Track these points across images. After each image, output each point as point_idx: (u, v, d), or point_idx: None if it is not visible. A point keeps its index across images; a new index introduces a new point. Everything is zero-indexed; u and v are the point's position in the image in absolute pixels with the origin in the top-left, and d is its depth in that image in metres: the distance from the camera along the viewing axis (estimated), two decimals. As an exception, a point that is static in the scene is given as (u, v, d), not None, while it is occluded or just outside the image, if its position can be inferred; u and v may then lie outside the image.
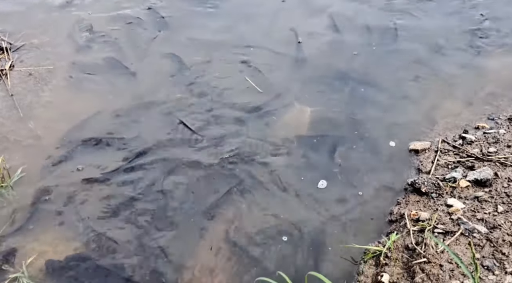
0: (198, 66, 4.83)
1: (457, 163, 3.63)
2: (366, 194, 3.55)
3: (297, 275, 2.96)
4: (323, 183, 3.64)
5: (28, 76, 4.65)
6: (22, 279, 2.96)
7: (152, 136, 4.04)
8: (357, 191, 3.58)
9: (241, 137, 4.02)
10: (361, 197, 3.53)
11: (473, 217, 3.06)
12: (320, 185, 3.63)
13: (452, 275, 2.68)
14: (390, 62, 4.88)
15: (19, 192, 3.55)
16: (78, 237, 3.27)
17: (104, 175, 3.69)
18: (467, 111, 4.27)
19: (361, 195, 3.55)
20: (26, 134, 4.04)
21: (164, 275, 3.07)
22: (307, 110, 4.29)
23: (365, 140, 3.99)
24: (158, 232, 3.30)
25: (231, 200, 3.52)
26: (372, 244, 3.15)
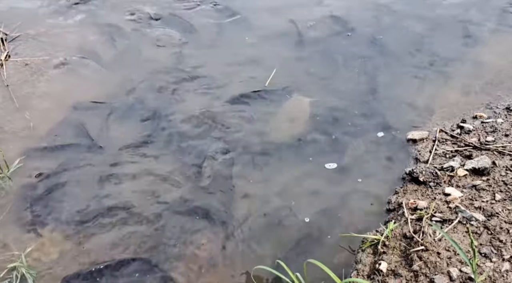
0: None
1: (455, 152, 3.63)
2: (364, 183, 3.55)
3: (295, 262, 2.96)
4: (330, 165, 3.69)
5: (24, 67, 4.62)
6: (20, 269, 2.95)
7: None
8: (356, 179, 3.59)
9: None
10: (359, 184, 3.53)
11: (471, 205, 3.07)
12: (328, 166, 3.68)
13: (449, 263, 2.69)
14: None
15: (16, 182, 3.54)
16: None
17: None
18: (465, 100, 4.27)
19: (360, 182, 3.56)
20: (22, 125, 4.02)
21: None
22: (306, 101, 4.29)
23: (362, 130, 3.99)
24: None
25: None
26: (370, 233, 3.14)
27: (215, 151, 3.82)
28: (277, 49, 4.96)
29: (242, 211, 3.39)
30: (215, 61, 4.81)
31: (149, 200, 3.45)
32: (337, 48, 4.96)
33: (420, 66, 4.68)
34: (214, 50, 4.98)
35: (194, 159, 3.76)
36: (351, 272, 2.95)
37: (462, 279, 2.58)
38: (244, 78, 4.57)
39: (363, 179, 3.58)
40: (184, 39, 5.10)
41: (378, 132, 3.96)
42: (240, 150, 3.85)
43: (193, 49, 4.98)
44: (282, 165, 3.74)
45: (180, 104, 4.29)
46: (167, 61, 4.81)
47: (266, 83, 4.49)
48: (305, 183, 3.58)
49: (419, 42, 4.99)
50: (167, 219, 3.33)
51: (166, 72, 4.66)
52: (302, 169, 3.69)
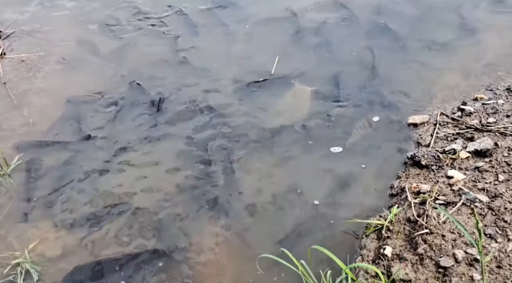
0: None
1: (457, 135, 3.61)
2: (365, 169, 3.54)
3: (299, 250, 2.94)
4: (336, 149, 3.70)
5: (20, 64, 4.59)
6: (24, 265, 2.94)
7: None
8: (357, 164, 3.58)
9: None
10: (362, 170, 3.52)
11: (474, 187, 3.05)
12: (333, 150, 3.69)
13: (454, 245, 2.68)
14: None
15: (16, 179, 3.52)
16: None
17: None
18: (465, 83, 4.24)
19: (360, 167, 3.55)
20: (21, 122, 4.00)
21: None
22: (308, 90, 4.26)
23: (363, 116, 3.97)
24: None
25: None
26: (374, 218, 3.13)
27: (222, 136, 3.84)
28: (277, 35, 4.93)
29: (247, 197, 3.39)
30: (216, 50, 4.79)
31: (153, 191, 3.44)
32: (336, 33, 4.92)
33: (419, 50, 4.64)
34: (214, 39, 4.94)
35: (198, 147, 3.76)
36: (356, 257, 2.94)
37: (468, 261, 2.57)
38: (247, 67, 4.54)
39: (364, 164, 3.56)
40: (181, 30, 5.06)
41: (379, 117, 3.94)
42: (245, 137, 3.85)
43: (191, 39, 4.95)
44: (287, 151, 3.73)
45: (181, 93, 4.27)
46: (165, 52, 4.78)
47: (272, 71, 4.47)
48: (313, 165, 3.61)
49: (417, 26, 4.94)
50: (171, 208, 3.32)
51: (165, 63, 4.63)
52: (308, 153, 3.69)
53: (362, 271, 2.79)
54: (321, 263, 2.76)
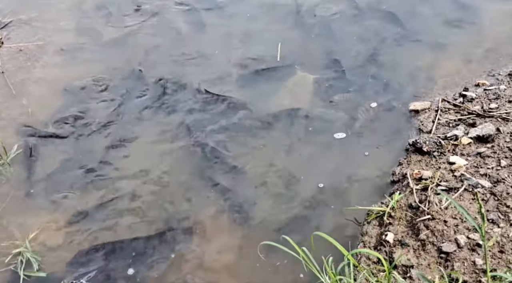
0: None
1: (458, 121, 3.59)
2: (366, 156, 3.52)
3: (300, 237, 2.94)
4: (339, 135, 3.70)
5: (18, 53, 4.55)
6: (25, 254, 2.94)
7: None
8: (359, 151, 3.57)
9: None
10: (364, 157, 3.50)
11: (476, 172, 3.04)
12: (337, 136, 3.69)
13: (457, 230, 2.67)
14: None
15: (16, 168, 3.51)
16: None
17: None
18: (467, 69, 4.21)
19: (362, 154, 3.54)
20: (20, 112, 3.98)
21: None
22: (309, 78, 4.23)
23: (365, 102, 3.94)
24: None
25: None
26: (375, 205, 3.12)
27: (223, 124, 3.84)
28: (279, 22, 4.89)
29: (250, 181, 3.40)
30: (218, 37, 4.76)
31: (154, 177, 3.44)
32: (338, 19, 4.87)
33: (420, 36, 4.60)
34: (216, 27, 4.91)
35: (199, 133, 3.76)
36: (357, 244, 2.94)
37: (470, 246, 2.56)
38: (249, 54, 4.51)
39: (366, 152, 3.55)
40: (183, 20, 5.02)
41: (380, 104, 3.91)
42: (249, 121, 3.86)
43: (193, 27, 4.91)
44: (289, 137, 3.73)
45: (185, 81, 4.25)
46: (166, 41, 4.74)
47: (278, 58, 4.44)
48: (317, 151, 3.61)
49: (418, 11, 4.89)
50: (176, 192, 3.34)
51: (166, 52, 4.59)
52: (312, 139, 3.69)
53: (364, 257, 2.79)
54: (322, 249, 2.74)
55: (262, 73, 4.31)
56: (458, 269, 2.46)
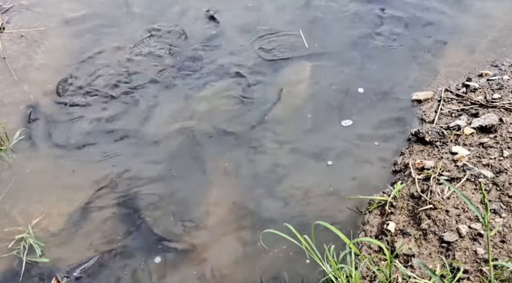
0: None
1: (461, 111, 3.59)
2: (367, 145, 3.52)
3: (302, 225, 2.95)
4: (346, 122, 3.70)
5: (19, 39, 4.52)
6: (28, 239, 2.95)
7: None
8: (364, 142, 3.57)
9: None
10: (365, 146, 3.51)
11: (479, 163, 3.04)
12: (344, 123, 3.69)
13: (458, 220, 2.68)
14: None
15: (19, 154, 3.51)
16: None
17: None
18: (470, 59, 4.19)
19: (363, 144, 3.54)
20: (21, 98, 3.96)
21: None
22: (307, 65, 4.21)
23: (366, 92, 3.93)
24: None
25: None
26: (377, 195, 3.13)
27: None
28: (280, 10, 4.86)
29: (255, 166, 3.42)
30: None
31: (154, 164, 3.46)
32: (340, 8, 4.85)
33: (423, 25, 4.57)
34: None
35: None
36: (359, 233, 2.95)
37: (472, 236, 2.58)
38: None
39: (366, 140, 3.55)
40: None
41: (382, 94, 3.90)
42: (255, 105, 3.87)
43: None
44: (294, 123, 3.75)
45: (198, 73, 4.22)
46: (171, 24, 4.71)
47: (306, 45, 4.44)
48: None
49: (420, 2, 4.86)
50: (177, 180, 3.36)
51: (170, 37, 4.57)
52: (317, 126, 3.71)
53: (365, 246, 2.80)
54: (323, 239, 2.75)
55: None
56: (459, 258, 2.48)
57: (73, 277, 2.81)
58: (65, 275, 2.80)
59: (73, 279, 2.80)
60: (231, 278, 2.84)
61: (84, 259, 2.90)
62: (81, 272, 2.84)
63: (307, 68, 4.20)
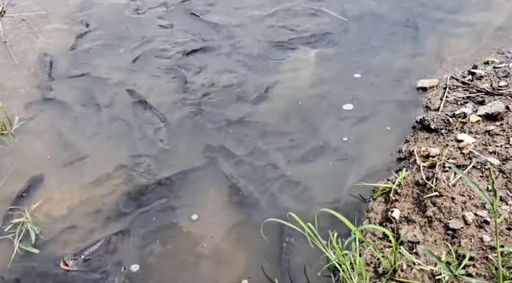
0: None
1: (467, 99, 3.55)
2: (372, 133, 3.48)
3: (305, 214, 2.93)
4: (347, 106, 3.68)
5: (20, 23, 4.49)
6: (27, 224, 2.91)
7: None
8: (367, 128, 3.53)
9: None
10: (369, 134, 3.47)
11: (485, 150, 3.01)
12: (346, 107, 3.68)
13: (464, 207, 2.65)
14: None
15: (20, 139, 3.48)
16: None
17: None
18: (476, 46, 4.15)
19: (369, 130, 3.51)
20: (23, 82, 3.93)
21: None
22: (311, 52, 4.17)
23: (371, 80, 3.89)
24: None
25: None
26: (381, 182, 3.10)
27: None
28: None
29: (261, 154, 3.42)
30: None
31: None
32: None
33: (428, 13, 4.52)
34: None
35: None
36: (363, 220, 2.92)
37: (478, 223, 2.55)
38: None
39: (371, 129, 3.51)
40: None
41: (387, 81, 3.87)
42: (262, 92, 3.89)
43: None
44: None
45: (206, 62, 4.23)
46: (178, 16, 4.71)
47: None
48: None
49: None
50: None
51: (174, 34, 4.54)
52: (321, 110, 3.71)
53: (369, 233, 2.77)
54: (325, 225, 2.73)
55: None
56: (465, 245, 2.45)
57: (81, 260, 2.78)
58: (72, 258, 2.77)
59: (81, 262, 2.77)
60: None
61: (91, 241, 2.88)
62: (89, 254, 2.82)
63: (311, 54, 4.16)
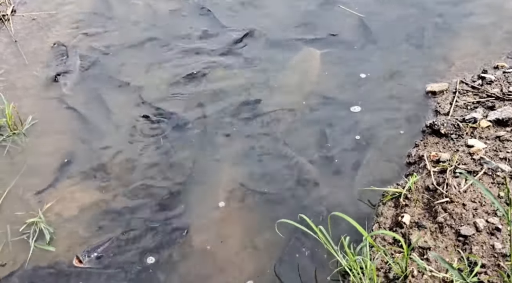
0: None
1: (477, 103, 3.55)
2: (380, 137, 3.48)
3: (316, 217, 2.95)
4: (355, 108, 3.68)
5: (30, 22, 4.50)
6: (40, 224, 2.94)
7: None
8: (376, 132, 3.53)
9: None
10: (378, 138, 3.48)
11: (496, 156, 3.01)
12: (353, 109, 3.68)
13: (475, 214, 2.66)
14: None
15: (31, 138, 3.50)
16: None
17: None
18: (485, 50, 4.14)
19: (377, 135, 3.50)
20: (33, 82, 3.95)
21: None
22: (317, 53, 4.17)
23: (380, 83, 3.89)
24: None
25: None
26: (391, 187, 3.10)
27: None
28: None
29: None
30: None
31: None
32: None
33: (437, 16, 4.51)
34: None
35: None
36: (372, 225, 2.92)
37: (489, 230, 2.56)
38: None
39: (380, 133, 3.52)
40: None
41: (396, 84, 3.86)
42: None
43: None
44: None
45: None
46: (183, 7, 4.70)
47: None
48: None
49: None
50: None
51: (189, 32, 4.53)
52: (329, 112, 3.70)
53: (379, 238, 2.78)
54: (334, 230, 2.73)
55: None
56: (477, 252, 2.46)
57: (94, 257, 2.82)
58: (86, 255, 2.81)
59: (94, 259, 2.81)
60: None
61: (104, 239, 2.92)
62: (102, 251, 2.85)
63: (316, 55, 4.16)
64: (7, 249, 2.87)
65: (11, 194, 3.15)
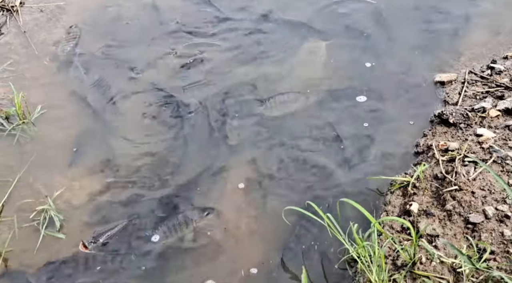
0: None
1: (486, 93, 3.53)
2: (389, 127, 3.48)
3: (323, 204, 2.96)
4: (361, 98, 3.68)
5: (39, 13, 4.51)
6: (49, 211, 2.97)
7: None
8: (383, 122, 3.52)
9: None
10: (385, 127, 3.47)
11: (505, 145, 3.00)
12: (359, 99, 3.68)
13: (485, 202, 2.65)
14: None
15: (40, 128, 3.52)
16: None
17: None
18: (494, 41, 4.11)
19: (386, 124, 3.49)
20: (42, 72, 3.96)
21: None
22: (322, 44, 4.16)
23: (386, 72, 3.88)
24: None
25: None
26: (399, 175, 3.10)
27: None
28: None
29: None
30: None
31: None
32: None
33: (444, 7, 4.48)
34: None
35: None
36: (380, 213, 2.93)
37: (498, 217, 2.55)
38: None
39: (388, 122, 3.51)
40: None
41: (403, 75, 3.85)
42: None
43: None
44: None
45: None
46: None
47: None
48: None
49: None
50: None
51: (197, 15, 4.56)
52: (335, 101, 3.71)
53: (387, 226, 2.78)
54: (346, 218, 2.74)
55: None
56: (486, 239, 2.45)
57: (100, 243, 2.85)
58: (91, 241, 2.84)
59: (100, 245, 2.85)
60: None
61: (110, 225, 2.95)
62: (108, 238, 2.88)
63: (322, 47, 4.15)
64: (18, 236, 2.89)
65: (21, 181, 3.17)
